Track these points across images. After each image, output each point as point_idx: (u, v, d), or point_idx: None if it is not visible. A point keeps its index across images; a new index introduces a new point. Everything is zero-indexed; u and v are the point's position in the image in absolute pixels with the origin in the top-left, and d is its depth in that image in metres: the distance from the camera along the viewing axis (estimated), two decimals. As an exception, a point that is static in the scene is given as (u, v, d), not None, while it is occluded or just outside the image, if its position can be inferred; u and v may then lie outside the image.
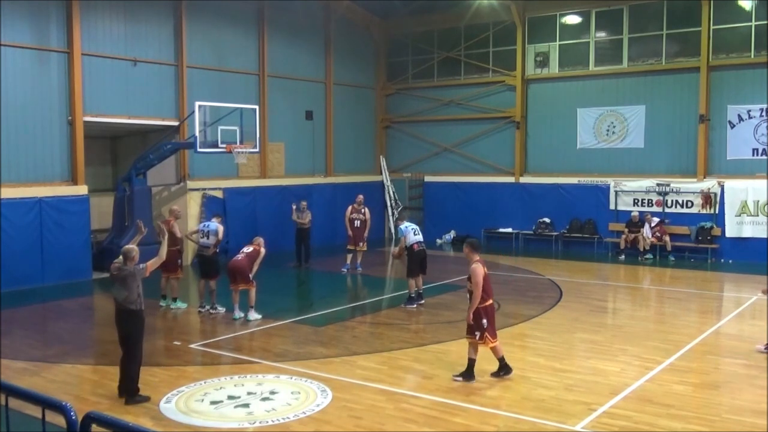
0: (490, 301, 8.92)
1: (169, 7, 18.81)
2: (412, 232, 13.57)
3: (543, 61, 22.58)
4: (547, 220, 22.20)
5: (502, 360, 8.97)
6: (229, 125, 17.23)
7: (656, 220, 19.84)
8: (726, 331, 11.85)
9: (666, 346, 10.50)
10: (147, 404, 8.06)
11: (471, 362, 8.88)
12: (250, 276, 12.35)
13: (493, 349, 8.94)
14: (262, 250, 12.64)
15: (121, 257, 8.22)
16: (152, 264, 8.28)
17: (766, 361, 9.61)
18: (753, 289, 15.23)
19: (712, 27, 19.66)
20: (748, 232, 19.10)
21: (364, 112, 25.29)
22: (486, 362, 9.72)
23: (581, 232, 21.48)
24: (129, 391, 8.10)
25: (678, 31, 20.41)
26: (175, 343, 10.96)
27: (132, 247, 8.33)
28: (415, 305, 13.33)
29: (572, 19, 22.26)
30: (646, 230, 19.71)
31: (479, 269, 8.77)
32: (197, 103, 17.05)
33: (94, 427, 3.31)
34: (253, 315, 12.37)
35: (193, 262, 17.51)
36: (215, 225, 13.20)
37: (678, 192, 20.17)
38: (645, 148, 20.92)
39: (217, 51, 20.08)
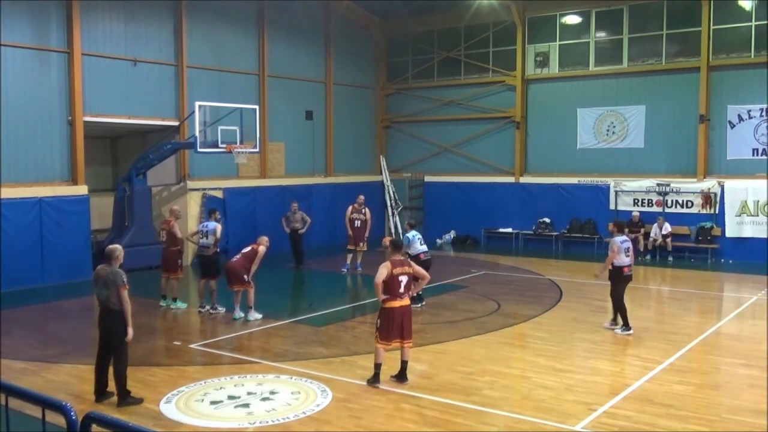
0: (395, 303, 8.57)
1: (169, 7, 18.81)
2: (419, 242, 13.57)
3: (543, 61, 22.58)
4: (547, 220, 22.20)
5: (377, 367, 8.66)
6: (229, 125, 17.24)
7: (668, 227, 19.65)
8: (726, 331, 11.85)
9: (666, 346, 10.51)
10: (147, 404, 8.05)
11: (403, 364, 8.77)
12: (246, 277, 12.28)
13: (376, 351, 8.70)
14: (261, 249, 12.55)
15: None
16: (126, 302, 8.02)
17: (766, 360, 9.61)
18: (753, 289, 15.26)
19: (712, 27, 19.66)
20: (748, 232, 19.11)
21: (364, 112, 25.29)
22: (488, 362, 9.73)
23: (581, 232, 21.48)
24: (120, 392, 8.04)
25: (678, 31, 20.41)
26: (175, 343, 10.96)
27: (116, 246, 8.33)
28: (419, 305, 13.34)
29: (572, 19, 22.27)
30: (655, 231, 19.63)
31: (381, 270, 8.61)
32: (197, 103, 17.06)
33: (94, 427, 3.31)
34: (254, 315, 12.36)
35: (193, 262, 17.52)
36: (213, 225, 13.18)
37: (678, 192, 20.17)
38: (645, 148, 20.93)
39: (217, 51, 20.08)
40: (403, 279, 8.63)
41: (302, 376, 9.06)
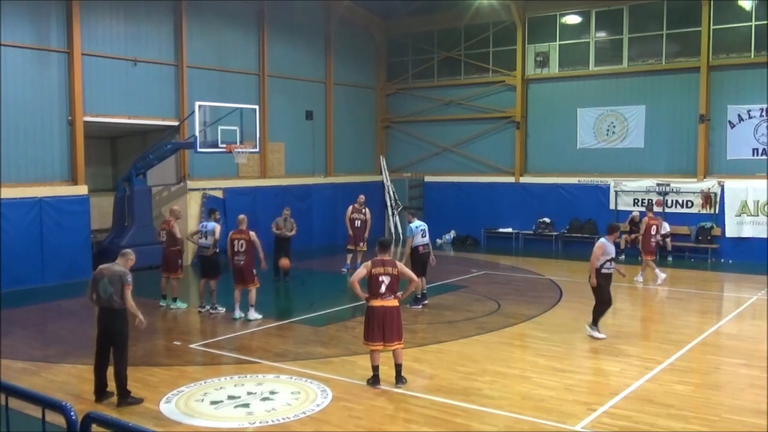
0: (376, 303, 8.56)
1: (169, 7, 18.81)
2: (420, 234, 13.53)
3: (543, 61, 22.58)
4: (547, 220, 22.20)
5: (374, 369, 8.64)
6: (229, 125, 17.23)
7: (667, 227, 19.58)
8: (726, 331, 11.85)
9: (666, 346, 10.50)
10: (147, 404, 8.05)
11: (396, 368, 8.73)
12: (254, 272, 12.43)
13: (369, 353, 8.69)
14: (253, 234, 12.63)
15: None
16: (129, 300, 8.07)
17: (766, 360, 9.61)
18: (753, 289, 15.26)
19: (712, 27, 19.67)
20: (748, 232, 19.11)
21: (364, 112, 25.29)
22: (488, 362, 9.73)
23: (581, 232, 21.48)
24: (120, 393, 8.04)
25: (678, 31, 20.42)
26: (175, 343, 10.96)
27: (131, 251, 8.38)
28: (420, 305, 13.34)
29: (572, 19, 22.27)
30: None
31: (360, 269, 8.77)
32: (197, 103, 17.05)
33: (94, 427, 3.31)
34: (254, 315, 12.37)
35: (193, 262, 17.52)
36: (212, 225, 13.22)
37: (678, 192, 20.17)
38: (645, 148, 20.93)
39: (217, 51, 20.08)
40: (385, 279, 8.56)
41: (302, 376, 9.06)
